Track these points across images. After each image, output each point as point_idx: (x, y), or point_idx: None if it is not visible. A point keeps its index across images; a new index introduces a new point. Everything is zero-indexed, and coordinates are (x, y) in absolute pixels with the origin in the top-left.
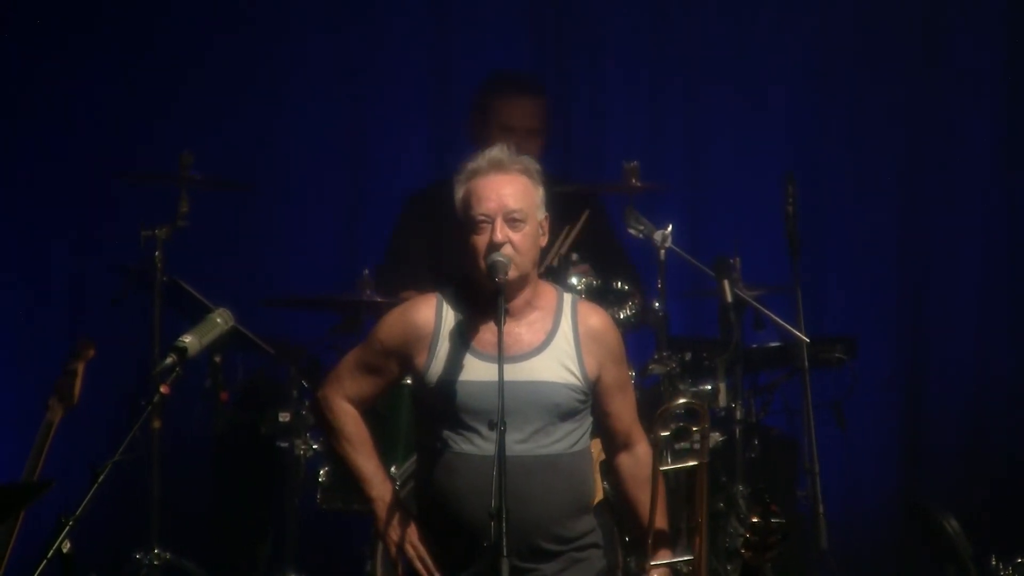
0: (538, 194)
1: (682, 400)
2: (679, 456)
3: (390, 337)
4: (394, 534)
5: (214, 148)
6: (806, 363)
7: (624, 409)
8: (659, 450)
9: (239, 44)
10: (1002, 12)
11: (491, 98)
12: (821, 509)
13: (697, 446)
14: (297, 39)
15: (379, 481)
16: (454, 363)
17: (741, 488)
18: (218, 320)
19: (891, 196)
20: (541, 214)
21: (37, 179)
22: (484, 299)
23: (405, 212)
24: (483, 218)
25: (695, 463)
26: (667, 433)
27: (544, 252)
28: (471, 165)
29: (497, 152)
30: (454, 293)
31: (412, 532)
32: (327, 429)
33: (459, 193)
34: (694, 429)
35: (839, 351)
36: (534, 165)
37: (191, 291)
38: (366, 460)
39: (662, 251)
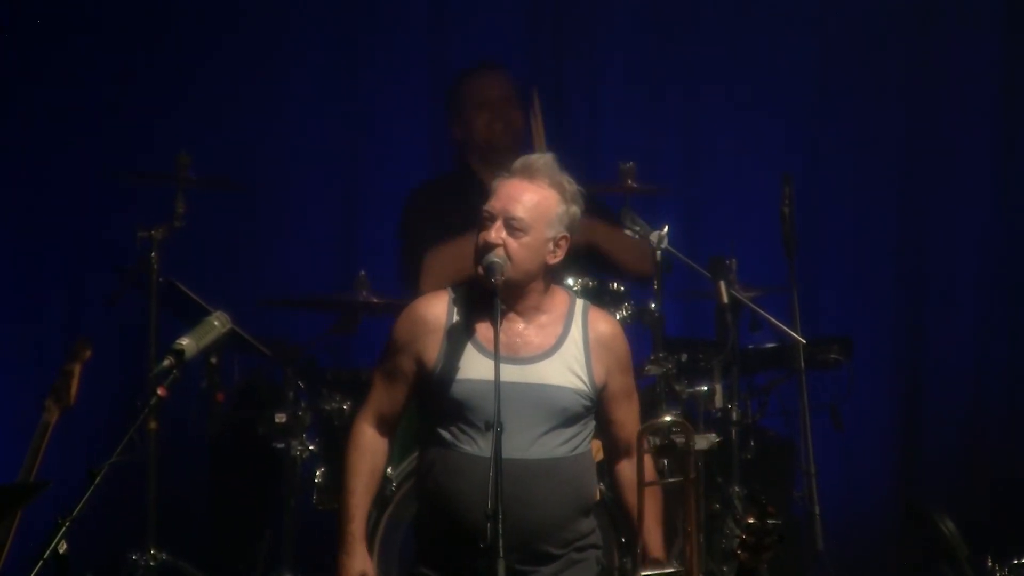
0: (558, 210)
1: (667, 418)
2: (668, 471)
3: (403, 334)
4: None
5: (211, 149)
6: (803, 364)
7: (628, 417)
8: (643, 467)
9: (236, 45)
10: (1000, 13)
11: (458, 89)
12: (817, 510)
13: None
14: (294, 40)
15: (357, 550)
16: (461, 359)
17: (737, 489)
18: (215, 323)
19: (888, 197)
20: (555, 232)
21: (34, 179)
22: (489, 299)
23: (412, 204)
24: (486, 214)
25: (680, 479)
26: (649, 451)
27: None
28: (512, 164)
29: (536, 158)
30: (465, 291)
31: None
32: (345, 457)
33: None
34: (678, 442)
35: (836, 352)
36: (572, 185)
37: (187, 292)
38: (358, 516)
39: (658, 252)
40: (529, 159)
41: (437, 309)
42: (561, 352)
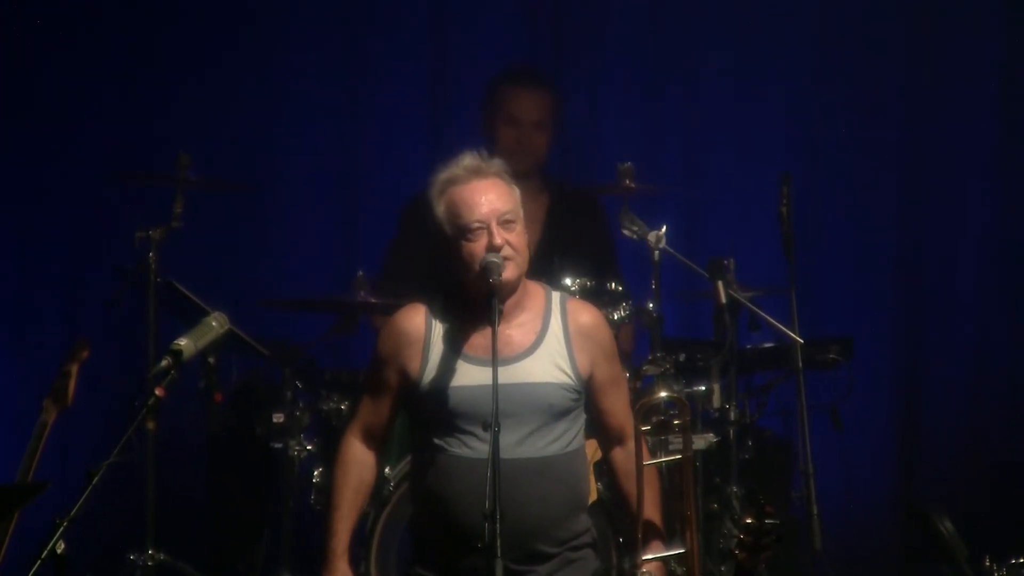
0: (516, 194)
1: (663, 394)
2: (663, 451)
3: (385, 348)
4: None
5: (211, 149)
6: (801, 364)
7: (618, 405)
8: (640, 445)
9: (236, 46)
10: (1001, 12)
11: (498, 91)
12: (816, 510)
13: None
14: (294, 41)
15: (338, 566)
16: (446, 368)
17: (735, 489)
18: (213, 323)
19: (888, 197)
20: (522, 213)
21: (33, 179)
22: (474, 304)
23: (399, 225)
24: (478, 225)
25: (678, 457)
26: (648, 428)
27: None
28: (445, 175)
29: (470, 159)
30: (442, 301)
31: None
32: (332, 473)
33: (440, 205)
34: (675, 422)
35: (834, 352)
36: (504, 167)
37: (186, 292)
38: (340, 531)
39: (656, 252)
40: (466, 163)
41: (416, 321)
42: (543, 347)
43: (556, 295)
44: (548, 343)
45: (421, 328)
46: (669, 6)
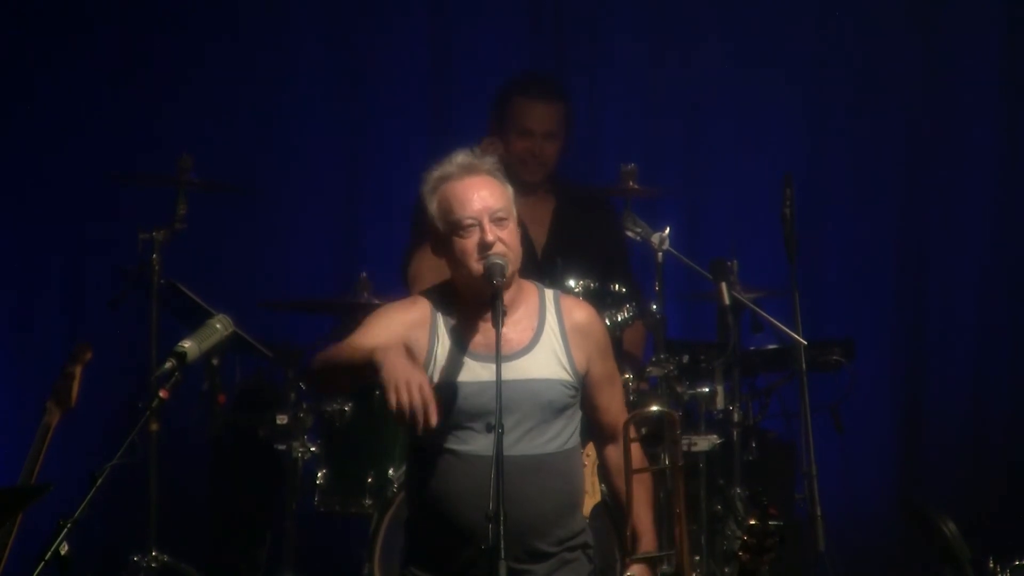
0: (510, 192)
1: (654, 407)
2: (654, 459)
3: (390, 315)
4: (403, 374)
5: (213, 151)
6: (804, 366)
7: (612, 402)
8: (630, 454)
9: (238, 47)
10: (1000, 13)
11: (510, 99)
12: (819, 512)
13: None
14: (296, 42)
15: (378, 346)
16: (451, 364)
17: (739, 491)
18: (217, 326)
19: (889, 199)
20: (515, 211)
21: (36, 181)
22: (472, 302)
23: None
24: (470, 221)
25: (666, 466)
26: (636, 438)
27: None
28: (438, 173)
29: (463, 157)
30: (440, 298)
31: (421, 375)
32: (317, 371)
33: (432, 202)
34: (665, 433)
35: (837, 354)
36: (498, 166)
37: (189, 294)
38: (352, 346)
39: (660, 254)
40: (459, 160)
41: (421, 309)
42: (541, 344)
43: (549, 292)
44: (546, 340)
45: (427, 318)
46: (671, 7)
